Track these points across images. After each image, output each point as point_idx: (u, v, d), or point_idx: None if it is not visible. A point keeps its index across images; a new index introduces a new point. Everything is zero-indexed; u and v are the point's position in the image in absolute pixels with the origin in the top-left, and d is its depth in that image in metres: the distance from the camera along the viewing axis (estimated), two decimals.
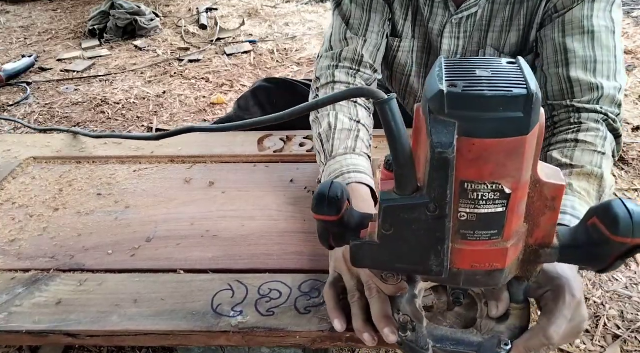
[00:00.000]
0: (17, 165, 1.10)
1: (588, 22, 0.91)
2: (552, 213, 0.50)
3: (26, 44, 3.27)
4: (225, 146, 1.14)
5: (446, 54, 1.06)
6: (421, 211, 0.46)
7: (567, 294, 0.59)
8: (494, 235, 0.48)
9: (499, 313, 0.60)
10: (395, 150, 0.45)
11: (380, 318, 0.64)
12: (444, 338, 0.60)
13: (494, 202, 0.46)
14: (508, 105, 0.41)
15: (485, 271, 0.50)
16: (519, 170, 0.44)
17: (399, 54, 1.11)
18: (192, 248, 0.86)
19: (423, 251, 0.49)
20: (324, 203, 0.53)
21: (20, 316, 0.74)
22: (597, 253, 0.51)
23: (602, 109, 0.87)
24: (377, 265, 0.54)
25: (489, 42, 1.03)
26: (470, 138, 0.42)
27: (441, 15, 1.03)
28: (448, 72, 0.45)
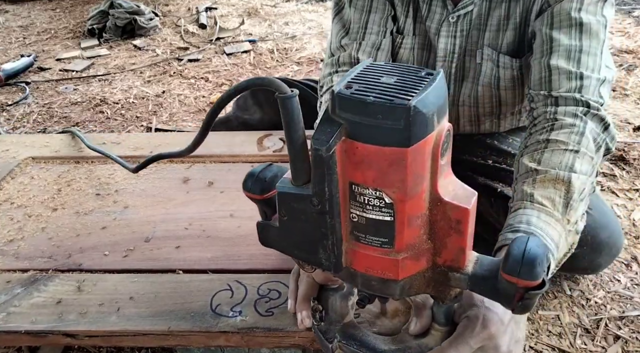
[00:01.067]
0: (15, 165, 1.09)
1: (576, 14, 0.88)
2: (459, 237, 0.49)
3: (25, 43, 3.27)
4: (224, 146, 1.14)
5: (443, 53, 1.06)
6: (307, 203, 0.48)
7: (479, 325, 0.58)
8: (385, 244, 0.48)
9: (416, 330, 0.60)
10: (288, 142, 0.47)
11: (301, 301, 0.66)
12: (352, 337, 0.61)
13: (380, 209, 0.46)
14: (387, 114, 0.41)
15: (379, 278, 0.50)
16: (402, 182, 0.44)
17: (401, 50, 1.11)
18: (190, 249, 0.86)
19: (312, 243, 0.50)
20: (250, 181, 0.56)
21: (19, 316, 0.74)
22: (500, 289, 0.49)
23: (582, 97, 0.83)
24: (279, 248, 0.56)
25: (486, 41, 1.02)
26: (354, 141, 0.44)
27: (439, 14, 1.03)
28: (357, 74, 0.46)
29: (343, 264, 0.51)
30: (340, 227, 0.48)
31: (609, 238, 1.02)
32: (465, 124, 1.17)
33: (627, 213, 1.45)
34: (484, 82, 1.07)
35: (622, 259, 1.28)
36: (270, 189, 0.54)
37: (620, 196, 1.52)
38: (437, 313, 0.58)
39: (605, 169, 1.64)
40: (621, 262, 1.27)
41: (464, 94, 1.11)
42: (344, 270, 0.51)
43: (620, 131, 1.83)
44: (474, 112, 1.13)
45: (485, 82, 1.06)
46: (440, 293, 0.54)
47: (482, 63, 1.05)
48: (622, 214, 1.44)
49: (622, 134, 1.81)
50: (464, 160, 1.18)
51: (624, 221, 1.41)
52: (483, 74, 1.06)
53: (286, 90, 0.46)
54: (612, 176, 1.61)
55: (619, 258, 1.27)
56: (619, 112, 1.97)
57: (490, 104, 1.11)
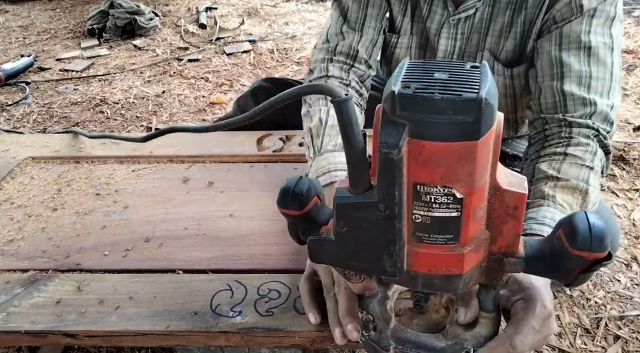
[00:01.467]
0: (15, 165, 1.09)
1: (585, 37, 0.90)
2: (515, 222, 0.49)
3: (25, 43, 3.27)
4: (224, 146, 1.14)
5: (442, 54, 1.06)
6: (372, 210, 0.46)
7: (538, 305, 0.59)
8: (450, 240, 0.48)
9: (466, 320, 0.60)
10: (347, 149, 0.46)
11: (345, 314, 0.64)
12: (406, 340, 0.60)
13: (447, 206, 0.46)
14: (457, 109, 0.41)
15: (442, 275, 0.50)
16: (471, 176, 0.44)
17: (397, 50, 1.11)
18: (190, 249, 0.86)
19: (376, 250, 0.49)
20: (287, 198, 0.54)
21: (19, 316, 0.73)
22: (560, 265, 0.50)
23: (594, 124, 0.87)
24: (334, 262, 0.54)
25: (487, 46, 1.02)
26: (420, 140, 0.43)
27: (439, 14, 1.03)
28: (407, 74, 0.45)
29: (405, 268, 0.50)
30: (405, 230, 0.48)
31: None
32: None
33: (627, 213, 1.45)
34: None
35: (622, 259, 1.28)
36: (307, 202, 0.54)
37: (620, 196, 1.52)
38: (485, 300, 0.58)
39: None
40: (621, 262, 1.27)
41: None
42: (404, 274, 0.51)
43: (620, 131, 1.83)
44: None
45: None
46: (493, 280, 0.54)
47: None
48: (622, 214, 1.44)
49: (622, 134, 1.81)
50: None
51: (624, 221, 1.41)
52: None
53: (340, 93, 0.45)
54: (612, 176, 1.61)
55: (619, 258, 1.27)
56: (619, 112, 1.97)
57: None
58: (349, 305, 0.64)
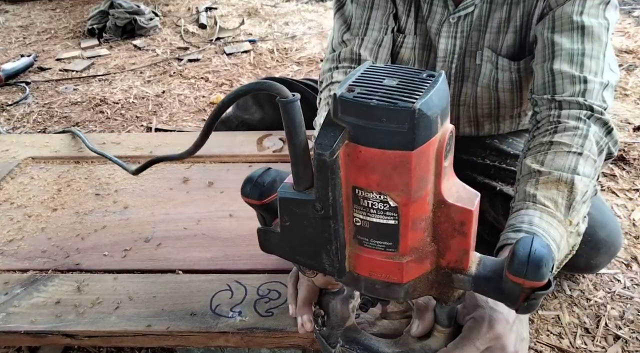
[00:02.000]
0: (15, 165, 1.09)
1: (578, 17, 0.88)
2: (462, 238, 0.48)
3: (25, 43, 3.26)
4: (224, 146, 1.14)
5: (443, 53, 1.06)
6: (309, 208, 0.47)
7: (485, 325, 0.57)
8: (389, 247, 0.48)
9: (418, 332, 0.60)
10: (290, 147, 0.46)
11: (301, 305, 0.66)
12: (354, 341, 0.61)
13: (384, 213, 0.46)
14: (391, 117, 0.41)
15: (383, 281, 0.50)
16: (407, 185, 0.44)
17: (402, 50, 1.11)
18: (190, 249, 0.86)
19: (315, 248, 0.50)
20: (248, 186, 0.55)
21: (19, 316, 0.73)
22: (504, 289, 0.49)
23: (586, 101, 0.82)
24: (280, 254, 0.55)
25: (487, 43, 1.02)
26: (358, 145, 0.43)
27: (440, 14, 1.03)
28: (359, 77, 0.45)
29: (346, 269, 0.50)
30: (344, 232, 0.48)
31: (608, 237, 1.02)
32: (464, 125, 1.17)
33: (627, 213, 1.45)
34: (483, 83, 1.07)
35: (622, 259, 1.27)
36: (269, 194, 0.54)
37: (620, 196, 1.52)
38: (439, 314, 0.58)
39: (605, 169, 1.64)
40: (621, 262, 1.27)
41: (464, 93, 1.11)
42: (347, 274, 0.51)
43: (620, 131, 1.83)
44: (473, 112, 1.13)
45: (484, 83, 1.06)
46: (443, 295, 0.53)
47: (482, 64, 1.05)
48: (622, 214, 1.44)
49: (622, 134, 1.81)
50: (464, 159, 1.18)
51: (624, 221, 1.41)
52: (482, 75, 1.06)
53: (287, 94, 0.45)
54: (612, 176, 1.61)
55: (619, 258, 1.27)
56: (619, 112, 1.97)
57: (489, 105, 1.11)
58: (306, 297, 0.65)
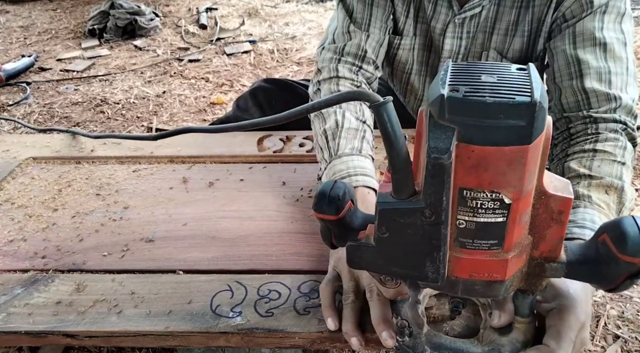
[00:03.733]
0: (16, 165, 1.10)
1: (599, 33, 0.89)
2: (559, 227, 0.48)
3: (26, 43, 3.27)
4: (224, 146, 1.14)
5: (448, 54, 1.06)
6: (416, 216, 0.45)
7: (573, 316, 0.58)
8: (493, 245, 0.47)
9: (500, 324, 0.59)
10: (391, 154, 0.45)
11: (379, 321, 0.63)
12: (441, 346, 0.59)
13: (493, 211, 0.45)
14: (510, 112, 0.40)
15: (484, 281, 0.49)
16: (520, 180, 0.43)
17: (400, 51, 1.11)
18: (191, 249, 0.86)
19: (418, 256, 0.48)
20: (324, 202, 0.53)
21: (19, 317, 0.74)
22: (605, 271, 0.49)
23: (620, 117, 0.85)
24: (373, 268, 0.53)
25: (493, 45, 1.02)
26: (470, 144, 0.42)
27: (444, 14, 1.03)
28: (452, 76, 0.44)
29: (446, 274, 0.49)
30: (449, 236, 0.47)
31: None
32: None
33: None
34: None
35: None
36: (343, 207, 0.53)
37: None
38: (521, 305, 0.57)
39: None
40: None
41: None
42: (444, 279, 0.50)
43: None
44: None
45: None
46: (532, 286, 0.53)
47: None
48: None
49: None
50: None
51: None
52: None
53: (377, 98, 0.44)
54: None
55: None
56: None
57: None
58: (383, 312, 0.63)
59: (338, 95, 0.48)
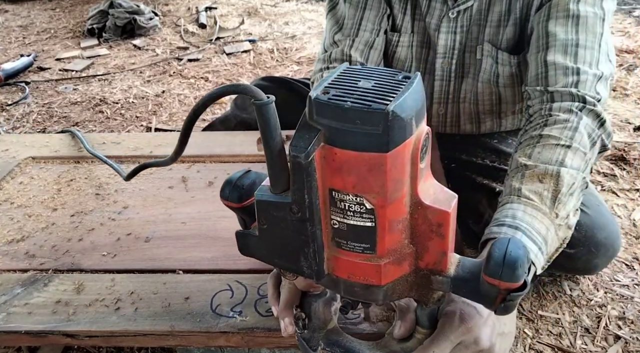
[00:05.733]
0: (15, 165, 1.09)
1: (574, 6, 0.87)
2: (440, 240, 0.48)
3: (25, 43, 3.26)
4: (224, 146, 1.14)
5: (443, 49, 1.06)
6: (286, 211, 0.47)
7: (456, 319, 0.58)
8: (367, 249, 0.48)
9: (399, 334, 0.60)
10: (266, 150, 0.46)
11: (283, 308, 0.65)
12: (336, 343, 0.61)
13: (361, 215, 0.46)
14: (365, 119, 0.41)
15: (361, 284, 0.50)
16: (382, 187, 0.44)
17: (399, 49, 1.11)
18: (191, 249, 0.86)
19: (293, 250, 0.50)
20: (227, 189, 0.55)
21: (19, 316, 0.73)
22: (481, 290, 0.49)
23: (579, 92, 0.81)
24: (259, 257, 0.55)
25: (487, 37, 1.02)
26: (333, 147, 0.43)
27: (439, 9, 1.03)
28: (334, 79, 0.45)
29: (325, 271, 0.51)
30: (322, 234, 0.48)
31: (606, 239, 1.02)
32: (465, 122, 1.16)
33: (627, 213, 1.45)
34: (483, 78, 1.06)
35: (622, 259, 1.27)
36: (248, 197, 0.54)
37: (621, 196, 1.52)
38: (420, 316, 0.58)
39: (606, 169, 1.64)
40: (622, 262, 1.27)
41: (465, 90, 1.11)
42: (326, 277, 0.51)
43: (620, 131, 1.83)
44: (474, 109, 1.13)
45: (485, 78, 1.06)
46: (423, 297, 0.54)
47: (482, 59, 1.05)
48: (622, 214, 1.44)
49: (622, 134, 1.81)
50: (463, 160, 1.18)
51: (624, 221, 1.41)
52: (483, 71, 1.06)
53: (262, 96, 0.45)
54: (613, 176, 1.61)
55: (619, 258, 1.27)
56: (619, 112, 1.97)
57: (490, 101, 1.11)
58: (288, 300, 0.65)
59: (223, 87, 0.48)
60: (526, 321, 1.13)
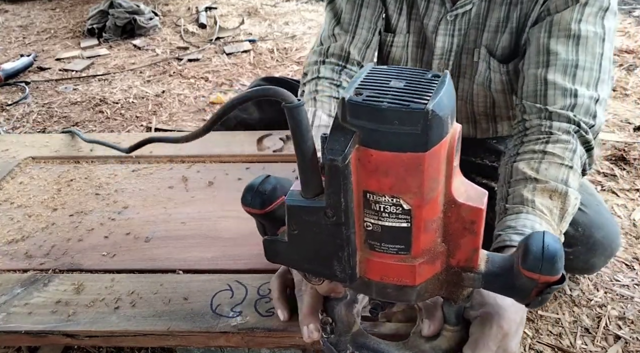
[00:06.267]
0: (15, 165, 1.09)
1: (575, 25, 0.87)
2: (473, 237, 0.48)
3: (25, 43, 3.26)
4: (224, 146, 1.14)
5: (440, 51, 1.06)
6: (320, 215, 0.46)
7: (494, 325, 0.57)
8: (401, 250, 0.47)
9: (428, 332, 0.59)
10: (298, 153, 0.46)
11: (307, 314, 0.64)
12: (364, 346, 0.60)
13: (396, 216, 0.45)
14: (403, 119, 0.41)
15: (395, 285, 0.50)
16: (420, 187, 0.43)
17: (393, 49, 1.11)
18: (191, 249, 0.86)
19: (325, 255, 0.49)
20: (249, 195, 0.55)
21: (19, 316, 0.73)
22: (515, 285, 0.50)
23: (575, 117, 0.83)
24: (288, 262, 0.55)
25: (484, 42, 1.02)
26: (369, 149, 0.42)
27: (437, 11, 1.03)
28: (364, 80, 0.44)
29: (357, 274, 0.50)
30: (355, 237, 0.48)
31: (604, 238, 1.02)
32: (462, 122, 1.17)
33: (627, 213, 1.45)
34: (478, 81, 1.07)
35: (622, 259, 1.28)
36: (270, 202, 0.53)
37: (621, 196, 1.52)
38: (448, 313, 0.58)
39: (606, 169, 1.64)
40: (622, 262, 1.27)
41: (461, 89, 1.11)
42: (358, 280, 0.51)
43: (620, 131, 1.83)
44: (470, 108, 1.13)
45: (480, 81, 1.06)
46: (453, 294, 0.53)
47: (478, 62, 1.05)
48: (622, 214, 1.44)
49: (622, 134, 1.81)
50: (463, 160, 1.18)
51: (624, 221, 1.41)
52: (478, 73, 1.06)
53: (292, 99, 0.44)
54: (613, 176, 1.61)
55: (619, 258, 1.27)
56: (619, 112, 1.97)
57: (484, 104, 1.11)
58: (311, 305, 0.64)
59: (253, 91, 0.48)
60: (526, 321, 1.13)
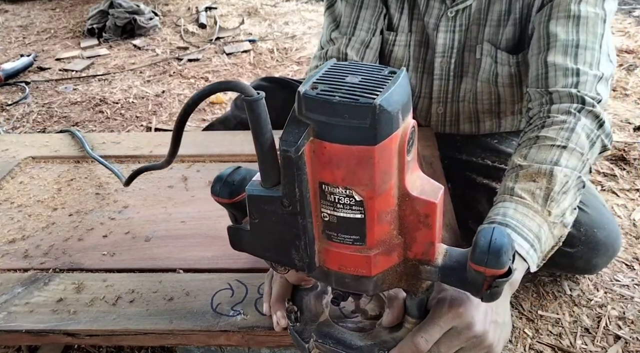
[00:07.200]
0: (15, 165, 1.09)
1: (575, 6, 0.87)
2: (428, 230, 0.50)
3: (25, 43, 3.26)
4: (224, 145, 1.14)
5: (442, 48, 1.06)
6: (277, 204, 0.48)
7: (446, 305, 0.58)
8: (357, 241, 0.49)
9: (387, 322, 0.60)
10: (256, 145, 0.47)
11: (275, 302, 0.66)
12: (327, 335, 0.61)
13: (350, 207, 0.47)
14: (353, 113, 0.42)
15: (352, 275, 0.51)
16: (371, 179, 0.45)
17: (395, 48, 1.11)
18: (191, 248, 0.86)
19: (284, 244, 0.51)
20: (218, 185, 0.55)
21: (20, 316, 0.73)
22: (468, 278, 0.51)
23: (578, 93, 0.81)
24: (251, 251, 0.56)
25: (486, 37, 1.02)
26: (322, 141, 0.44)
27: (437, 8, 1.03)
28: (322, 75, 0.46)
29: (316, 263, 0.52)
30: (312, 227, 0.49)
31: (606, 239, 1.02)
32: (464, 121, 1.16)
33: (627, 213, 1.45)
34: (482, 78, 1.06)
35: (622, 259, 1.28)
36: (239, 192, 0.54)
37: (621, 196, 1.52)
38: (410, 306, 0.59)
39: (606, 169, 1.64)
40: (622, 262, 1.27)
41: (463, 89, 1.11)
42: (317, 269, 0.52)
43: (620, 131, 1.83)
44: (473, 108, 1.13)
45: (484, 78, 1.06)
46: (412, 287, 0.55)
47: (482, 58, 1.05)
48: (622, 214, 1.44)
49: (622, 134, 1.81)
50: (463, 160, 1.18)
51: (624, 221, 1.41)
52: (482, 70, 1.06)
53: (252, 92, 0.46)
54: (613, 176, 1.61)
55: (620, 258, 1.27)
56: (619, 112, 1.97)
57: (489, 101, 1.11)
58: (280, 294, 0.66)
59: (213, 84, 0.49)
60: (526, 321, 1.13)
